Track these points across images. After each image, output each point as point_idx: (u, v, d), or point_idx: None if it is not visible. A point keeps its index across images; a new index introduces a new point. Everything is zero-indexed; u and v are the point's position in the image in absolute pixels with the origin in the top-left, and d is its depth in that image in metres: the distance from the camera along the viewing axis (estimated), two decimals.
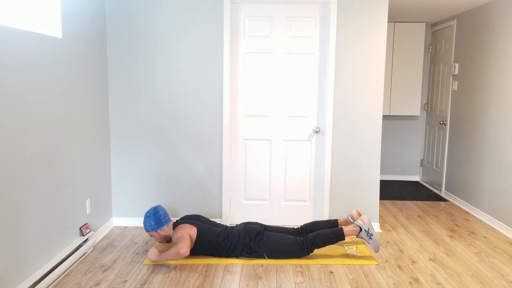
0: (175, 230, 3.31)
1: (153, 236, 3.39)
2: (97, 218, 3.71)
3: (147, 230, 3.37)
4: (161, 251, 3.39)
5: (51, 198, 2.93)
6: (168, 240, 3.43)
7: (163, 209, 3.42)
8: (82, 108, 3.37)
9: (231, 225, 3.48)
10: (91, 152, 3.55)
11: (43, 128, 2.81)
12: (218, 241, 3.28)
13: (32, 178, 2.69)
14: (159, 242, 3.48)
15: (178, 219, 3.50)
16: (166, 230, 3.38)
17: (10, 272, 2.50)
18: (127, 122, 3.95)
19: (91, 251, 3.45)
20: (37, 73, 2.73)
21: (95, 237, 3.61)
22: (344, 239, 3.32)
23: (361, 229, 3.32)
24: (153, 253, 3.16)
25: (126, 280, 2.94)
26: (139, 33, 3.85)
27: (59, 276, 2.94)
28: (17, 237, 2.56)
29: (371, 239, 3.28)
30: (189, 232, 3.25)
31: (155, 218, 3.34)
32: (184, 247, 3.09)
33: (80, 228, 3.38)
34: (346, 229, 3.33)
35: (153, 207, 3.39)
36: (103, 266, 3.18)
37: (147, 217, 3.36)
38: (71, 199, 3.23)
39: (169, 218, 3.42)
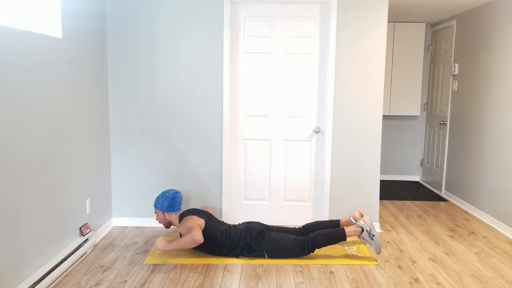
0: (183, 220, 3.31)
1: (156, 214, 3.44)
2: (97, 218, 3.71)
3: (155, 206, 3.43)
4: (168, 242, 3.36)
5: (51, 198, 2.93)
6: (167, 225, 3.47)
7: (181, 198, 3.48)
8: (82, 108, 3.37)
9: (233, 224, 3.48)
10: (91, 152, 3.55)
11: (43, 128, 2.81)
12: (220, 238, 3.28)
13: (32, 178, 2.69)
14: (158, 221, 3.60)
15: (185, 210, 3.51)
16: (172, 217, 3.42)
17: (10, 272, 2.50)
18: (127, 122, 3.95)
19: (91, 251, 3.45)
20: (37, 73, 2.73)
21: (95, 237, 3.61)
22: (345, 239, 3.32)
23: (363, 230, 3.31)
24: (160, 242, 3.13)
25: (126, 280, 2.95)
26: (139, 33, 3.85)
27: (59, 276, 2.95)
28: (17, 237, 2.56)
29: (373, 240, 3.28)
30: (198, 223, 3.28)
31: (171, 201, 3.39)
32: (199, 235, 3.12)
33: (80, 228, 3.38)
34: (348, 229, 3.33)
35: (175, 191, 3.44)
36: (103, 266, 3.18)
37: (165, 196, 3.41)
38: (71, 199, 3.23)
39: (180, 208, 3.47)
